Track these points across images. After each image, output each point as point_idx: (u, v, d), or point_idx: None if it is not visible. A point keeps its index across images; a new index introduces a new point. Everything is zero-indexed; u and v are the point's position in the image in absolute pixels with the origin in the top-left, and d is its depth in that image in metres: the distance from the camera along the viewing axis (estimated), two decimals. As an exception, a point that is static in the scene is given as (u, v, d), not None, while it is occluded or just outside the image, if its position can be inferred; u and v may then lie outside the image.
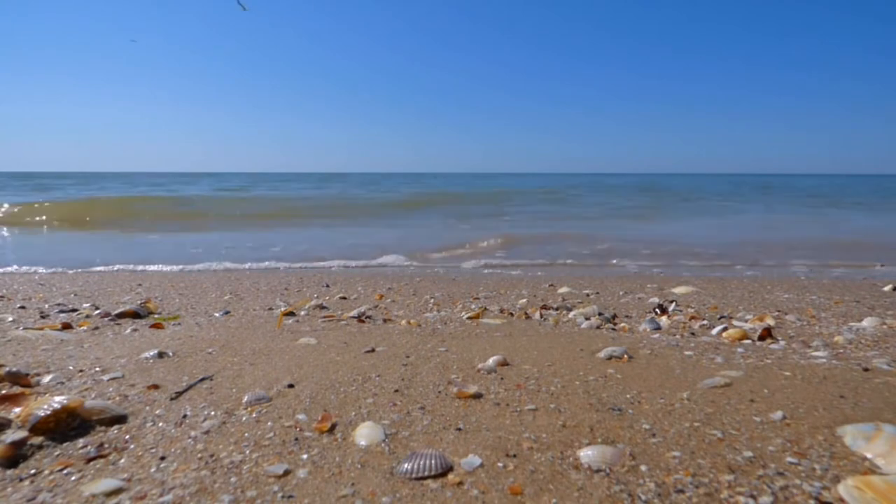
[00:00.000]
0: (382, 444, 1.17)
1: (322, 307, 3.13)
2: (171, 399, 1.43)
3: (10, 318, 2.69)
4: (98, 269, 5.21)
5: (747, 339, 2.18)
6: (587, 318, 2.69)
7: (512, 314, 2.90)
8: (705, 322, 2.56)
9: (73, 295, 3.60)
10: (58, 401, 1.24)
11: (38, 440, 1.16)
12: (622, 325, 2.59)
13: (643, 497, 0.96)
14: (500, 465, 1.08)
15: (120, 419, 1.29)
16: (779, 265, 5.51)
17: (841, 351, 1.98)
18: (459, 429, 1.25)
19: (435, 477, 1.03)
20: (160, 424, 1.28)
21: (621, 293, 3.68)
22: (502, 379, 1.61)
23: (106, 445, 1.17)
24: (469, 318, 2.77)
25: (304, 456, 1.12)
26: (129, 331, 2.37)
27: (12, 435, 1.15)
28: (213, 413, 1.34)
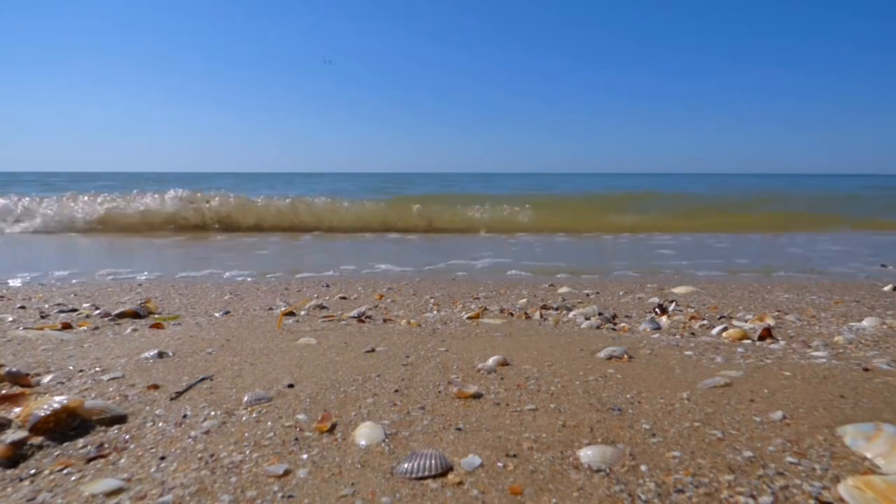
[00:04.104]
0: (382, 444, 1.17)
1: (322, 307, 3.13)
2: (171, 399, 1.43)
3: (10, 318, 2.69)
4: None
5: (747, 339, 2.18)
6: (587, 318, 2.69)
7: (512, 314, 2.90)
8: (705, 322, 2.56)
9: (72, 295, 3.60)
10: (58, 401, 1.24)
11: (38, 440, 1.16)
12: (622, 325, 2.59)
13: (643, 497, 0.96)
14: (500, 465, 1.08)
15: (120, 419, 1.29)
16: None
17: (841, 351, 1.98)
18: (459, 429, 1.25)
19: (435, 477, 1.03)
20: (160, 424, 1.28)
21: (621, 293, 3.68)
22: (502, 379, 1.61)
23: (106, 445, 1.17)
24: (469, 318, 2.77)
25: (304, 456, 1.12)
26: (129, 331, 2.37)
27: (12, 435, 1.15)
28: (213, 413, 1.34)
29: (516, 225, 9.94)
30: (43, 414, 1.20)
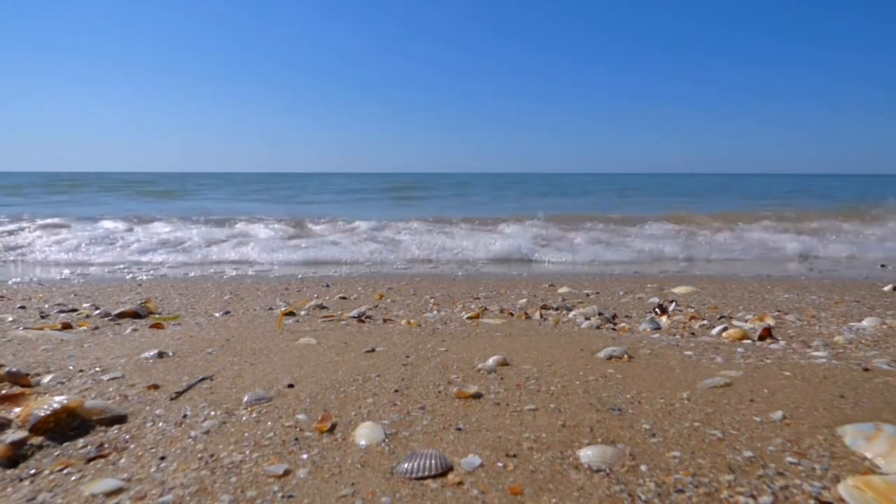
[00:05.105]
0: (382, 444, 1.17)
1: (322, 307, 3.13)
2: (171, 399, 1.43)
3: (10, 318, 2.69)
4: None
5: (747, 338, 2.18)
6: (587, 318, 2.69)
7: (512, 314, 2.90)
8: (705, 322, 2.56)
9: (73, 295, 3.60)
10: (58, 401, 1.24)
11: (38, 440, 1.16)
12: (622, 324, 2.59)
13: (643, 497, 0.96)
14: (500, 464, 1.08)
15: (120, 419, 1.29)
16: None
17: (841, 351, 1.98)
18: (459, 429, 1.25)
19: (435, 477, 1.03)
20: (160, 424, 1.28)
21: (621, 293, 3.68)
22: (502, 379, 1.61)
23: (106, 445, 1.17)
24: (469, 318, 2.77)
25: (304, 456, 1.12)
26: (129, 331, 2.37)
27: (12, 435, 1.15)
28: (213, 413, 1.34)
29: None
30: (43, 414, 1.20)
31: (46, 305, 3.15)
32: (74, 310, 3.00)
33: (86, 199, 17.15)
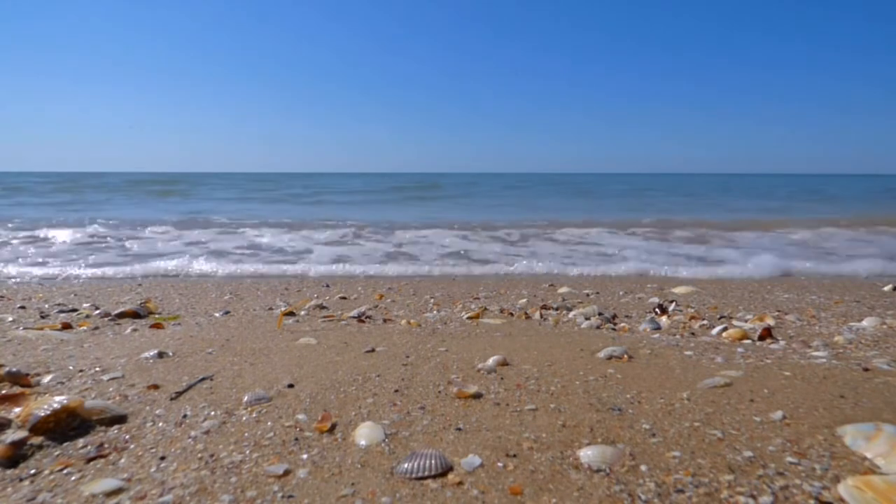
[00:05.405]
0: (382, 444, 1.17)
1: (322, 307, 3.13)
2: (171, 399, 1.43)
3: (10, 318, 2.69)
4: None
5: (747, 338, 2.18)
6: (587, 318, 2.69)
7: (512, 314, 2.90)
8: (705, 322, 2.56)
9: (73, 295, 3.60)
10: (58, 401, 1.24)
11: (38, 440, 1.16)
12: (622, 324, 2.59)
13: (643, 497, 0.96)
14: (500, 464, 1.08)
15: (120, 419, 1.29)
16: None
17: (841, 351, 1.98)
18: (459, 429, 1.25)
19: (435, 477, 1.03)
20: (160, 424, 1.28)
21: (621, 293, 3.68)
22: (502, 379, 1.61)
23: (106, 445, 1.17)
24: (469, 318, 2.77)
25: (304, 456, 1.12)
26: (129, 331, 2.37)
27: (12, 435, 1.15)
28: (213, 413, 1.34)
29: None
30: (43, 414, 1.20)
31: (46, 305, 3.15)
32: (74, 310, 3.00)
33: (88, 199, 17.18)
